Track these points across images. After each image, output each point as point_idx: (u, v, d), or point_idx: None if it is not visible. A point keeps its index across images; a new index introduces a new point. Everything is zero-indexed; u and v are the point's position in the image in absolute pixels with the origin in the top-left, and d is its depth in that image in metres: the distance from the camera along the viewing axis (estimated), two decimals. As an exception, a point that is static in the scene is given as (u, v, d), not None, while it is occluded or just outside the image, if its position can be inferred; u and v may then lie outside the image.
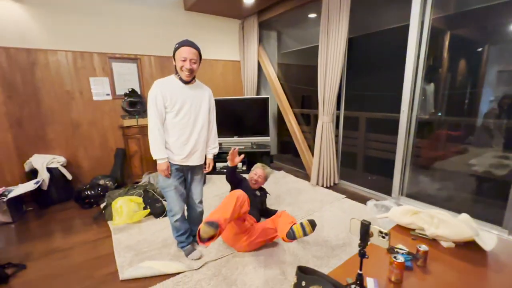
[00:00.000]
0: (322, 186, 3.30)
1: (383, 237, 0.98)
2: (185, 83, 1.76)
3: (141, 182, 3.21)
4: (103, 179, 3.17)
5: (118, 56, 3.37)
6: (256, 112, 3.92)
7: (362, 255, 1.01)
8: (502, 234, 2.11)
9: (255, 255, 1.92)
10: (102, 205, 2.80)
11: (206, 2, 3.50)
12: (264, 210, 2.43)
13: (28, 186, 2.66)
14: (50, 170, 2.88)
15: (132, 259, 1.91)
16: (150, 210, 2.48)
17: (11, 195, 2.52)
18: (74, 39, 3.07)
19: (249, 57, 4.30)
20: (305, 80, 4.25)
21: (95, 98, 3.29)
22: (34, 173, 2.86)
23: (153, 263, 1.81)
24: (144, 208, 2.53)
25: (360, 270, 1.03)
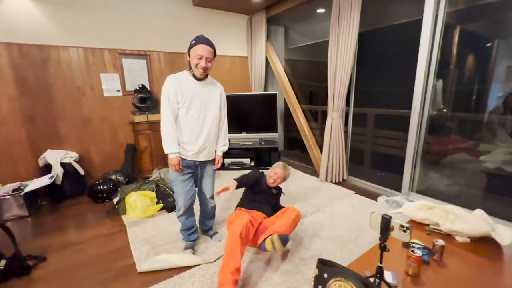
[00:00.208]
0: (331, 182, 3.32)
1: (404, 231, 0.99)
2: (197, 79, 1.78)
3: (151, 177, 3.25)
4: (114, 174, 3.21)
5: (128, 52, 3.39)
6: (264, 108, 3.93)
7: (382, 248, 1.03)
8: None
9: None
10: (115, 199, 2.85)
11: (215, -2, 3.50)
12: (277, 208, 2.43)
13: (43, 181, 2.71)
14: (63, 165, 2.93)
15: (148, 252, 1.96)
16: (163, 205, 2.52)
17: (27, 190, 2.58)
18: (85, 35, 3.10)
19: (256, 52, 4.29)
20: (312, 76, 4.24)
21: (105, 94, 3.32)
22: (47, 168, 2.92)
23: (169, 256, 1.84)
24: (157, 203, 2.57)
25: (380, 263, 1.05)
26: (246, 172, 2.18)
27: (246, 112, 4.00)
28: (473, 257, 1.33)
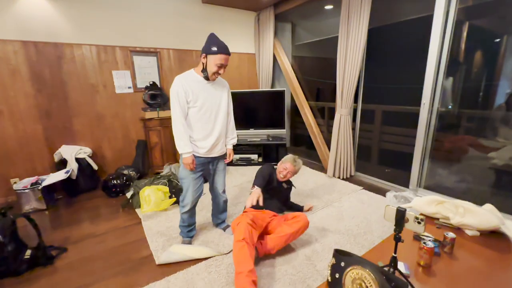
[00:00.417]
0: (339, 178, 3.36)
1: (418, 222, 1.04)
2: (207, 79, 1.79)
3: (162, 172, 3.33)
4: (126, 170, 3.29)
5: (138, 50, 3.44)
6: (272, 104, 3.96)
7: (397, 239, 1.08)
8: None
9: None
10: (128, 194, 2.93)
11: (224, -5, 3.52)
12: (290, 205, 2.43)
13: (59, 176, 2.79)
14: (78, 160, 3.02)
15: (164, 244, 2.03)
16: (176, 199, 2.59)
17: (45, 183, 2.67)
18: (97, 33, 3.16)
19: (264, 49, 4.31)
20: (319, 72, 4.26)
21: (117, 91, 3.39)
22: (63, 163, 3.01)
23: (184, 248, 1.91)
24: (170, 197, 2.65)
25: (395, 253, 1.10)
26: (254, 168, 2.15)
27: (254, 108, 4.05)
28: (483, 250, 1.37)
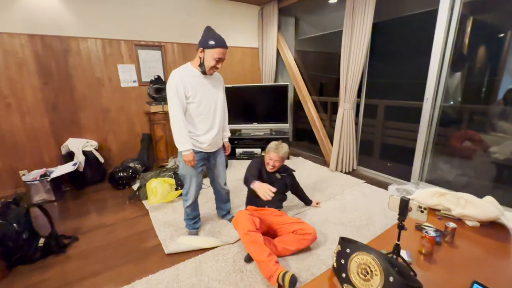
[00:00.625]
0: (341, 171, 3.41)
1: (421, 211, 1.09)
2: (204, 73, 1.78)
3: (167, 165, 3.38)
4: (132, 162, 3.34)
5: (143, 44, 3.46)
6: (275, 99, 3.99)
7: (401, 227, 1.12)
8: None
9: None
10: (135, 186, 2.99)
11: (228, -12, 3.51)
12: (300, 195, 2.40)
13: (67, 168, 2.85)
14: (85, 153, 3.07)
15: (172, 234, 2.09)
16: (182, 191, 2.64)
17: (53, 175, 2.72)
18: (102, 27, 3.17)
19: (268, 44, 4.32)
20: (323, 67, 4.27)
21: (122, 84, 3.42)
22: (70, 155, 3.06)
23: (192, 238, 1.97)
24: (176, 189, 2.70)
25: (398, 240, 1.15)
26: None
27: (257, 103, 4.07)
28: (483, 239, 1.42)
